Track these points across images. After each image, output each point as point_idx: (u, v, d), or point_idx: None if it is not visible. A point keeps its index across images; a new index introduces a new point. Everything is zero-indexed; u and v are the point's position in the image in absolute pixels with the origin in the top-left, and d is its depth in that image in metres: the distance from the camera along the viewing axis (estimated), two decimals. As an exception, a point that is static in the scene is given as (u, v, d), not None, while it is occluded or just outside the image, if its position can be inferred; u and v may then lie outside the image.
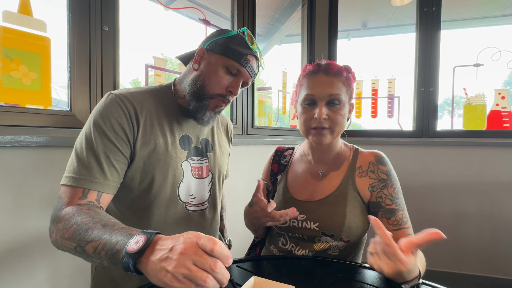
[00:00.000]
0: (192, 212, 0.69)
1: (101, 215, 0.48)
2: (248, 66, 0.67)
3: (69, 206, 0.51)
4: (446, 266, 1.76)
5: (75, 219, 0.47)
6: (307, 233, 0.70)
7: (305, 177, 0.76)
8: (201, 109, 0.67)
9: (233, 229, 1.04)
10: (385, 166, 0.70)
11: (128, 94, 0.63)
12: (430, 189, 1.78)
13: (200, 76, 0.67)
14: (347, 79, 0.70)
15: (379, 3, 2.23)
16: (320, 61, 0.72)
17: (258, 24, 1.69)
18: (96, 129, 0.57)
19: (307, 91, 0.69)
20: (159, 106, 0.67)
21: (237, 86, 0.67)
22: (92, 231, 0.44)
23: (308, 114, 0.69)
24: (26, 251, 0.74)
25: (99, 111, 0.59)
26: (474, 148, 1.71)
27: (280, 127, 1.85)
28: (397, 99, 1.96)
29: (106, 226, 0.44)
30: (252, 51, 0.67)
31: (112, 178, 0.58)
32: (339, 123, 0.69)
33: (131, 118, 0.60)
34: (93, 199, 0.54)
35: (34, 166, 0.75)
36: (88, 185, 0.54)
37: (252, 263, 0.63)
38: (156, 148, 0.63)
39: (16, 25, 0.77)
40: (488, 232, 1.70)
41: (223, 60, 0.66)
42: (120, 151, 0.59)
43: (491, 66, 1.82)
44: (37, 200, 0.75)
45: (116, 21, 0.94)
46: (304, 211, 0.71)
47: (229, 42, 0.66)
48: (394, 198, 0.67)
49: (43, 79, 0.82)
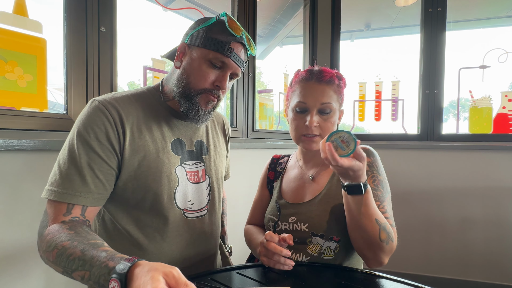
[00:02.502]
0: (191, 219, 0.67)
1: (81, 235, 0.48)
2: (233, 55, 0.61)
3: (53, 224, 0.51)
4: (452, 273, 1.74)
5: (55, 241, 0.47)
6: (298, 235, 0.70)
7: (297, 181, 0.78)
8: (192, 108, 0.63)
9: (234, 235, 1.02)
10: (369, 157, 0.70)
11: (113, 100, 0.60)
12: (435, 194, 1.76)
13: (183, 75, 0.63)
14: (338, 87, 0.72)
15: (383, 4, 2.23)
16: (313, 67, 0.74)
17: (259, 25, 1.67)
18: (79, 139, 0.55)
19: (299, 98, 0.71)
20: (147, 110, 0.64)
21: (223, 79, 0.62)
22: (73, 258, 0.44)
23: (299, 121, 0.71)
24: (21, 257, 0.73)
25: (82, 120, 0.57)
26: (480, 152, 1.70)
27: (282, 130, 1.85)
28: (401, 102, 1.96)
29: (85, 253, 0.44)
30: (235, 37, 0.62)
31: (97, 190, 0.56)
32: (329, 130, 0.70)
33: (116, 126, 0.58)
34: (77, 214, 0.54)
35: (30, 170, 0.74)
36: (71, 199, 0.53)
37: (253, 270, 0.62)
38: (146, 155, 0.61)
39: (11, 26, 0.76)
40: (495, 238, 1.68)
41: (205, 53, 0.61)
42: (104, 161, 0.56)
43: (498, 68, 1.81)
44: (32, 205, 0.74)
45: (114, 22, 0.93)
46: (294, 213, 0.72)
47: (209, 32, 0.61)
48: (372, 189, 0.66)
49: (39, 81, 0.81)
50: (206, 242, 0.70)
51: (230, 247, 0.91)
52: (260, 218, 0.85)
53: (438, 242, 1.74)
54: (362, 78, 2.04)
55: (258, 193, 0.87)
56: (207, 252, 0.71)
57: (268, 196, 0.84)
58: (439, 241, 1.74)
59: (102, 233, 0.64)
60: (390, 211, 0.68)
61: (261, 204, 0.85)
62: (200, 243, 0.69)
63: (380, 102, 2.00)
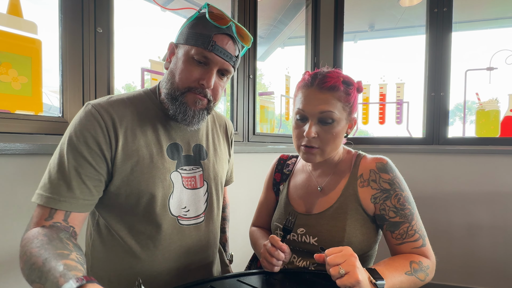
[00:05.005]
0: (185, 226, 0.66)
1: (52, 243, 0.46)
2: (215, 49, 0.57)
3: (33, 228, 0.51)
4: (458, 281, 1.71)
5: (27, 247, 0.47)
6: (306, 247, 0.69)
7: (305, 188, 0.74)
8: (180, 108, 0.60)
9: (234, 242, 1.00)
10: (388, 174, 0.66)
11: (107, 104, 0.59)
12: (441, 199, 1.74)
13: (169, 75, 0.61)
14: (345, 94, 0.65)
15: (387, 4, 2.21)
16: (321, 69, 0.69)
17: (260, 26, 1.66)
18: (69, 144, 0.55)
19: (299, 105, 0.67)
20: (142, 113, 0.62)
21: (208, 76, 0.58)
22: (34, 268, 0.43)
23: (299, 130, 0.68)
24: (14, 263, 0.72)
25: (74, 125, 0.56)
26: (487, 156, 1.67)
27: (283, 134, 1.83)
28: (406, 105, 1.94)
29: (45, 263, 0.43)
30: (219, 28, 0.58)
31: (82, 196, 0.54)
32: (330, 143, 0.66)
33: (108, 131, 0.57)
34: (59, 220, 0.53)
35: (24, 175, 0.73)
36: (55, 204, 0.52)
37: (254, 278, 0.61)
38: (140, 161, 0.59)
39: (5, 26, 0.76)
40: (503, 245, 1.65)
41: (187, 50, 0.59)
42: (92, 167, 0.55)
43: (505, 70, 1.79)
44: (27, 210, 0.73)
45: (111, 23, 0.92)
46: (303, 224, 0.70)
47: (191, 27, 0.59)
48: (399, 210, 0.64)
49: (34, 84, 0.80)
50: (202, 250, 0.69)
51: (231, 255, 0.89)
52: (265, 220, 0.83)
53: (444, 248, 1.72)
54: (366, 80, 2.03)
55: (264, 194, 0.85)
56: (204, 261, 0.70)
57: (274, 199, 0.82)
58: (445, 247, 1.72)
59: (97, 238, 0.63)
60: (421, 227, 0.65)
61: (266, 206, 0.83)
62: (196, 252, 0.67)
63: (385, 104, 1.98)
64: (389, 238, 0.65)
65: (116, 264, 0.61)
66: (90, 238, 0.65)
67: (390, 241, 0.65)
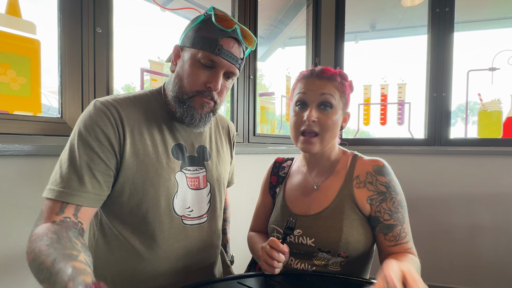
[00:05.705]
0: (189, 226, 0.66)
1: (61, 242, 0.46)
2: (222, 52, 0.59)
3: (43, 224, 0.51)
4: (460, 282, 1.71)
5: (36, 244, 0.46)
6: (304, 249, 0.69)
7: (301, 189, 0.75)
8: (187, 112, 0.62)
9: (234, 243, 0.99)
10: (384, 177, 0.67)
11: (115, 101, 0.60)
12: (443, 201, 1.74)
13: (176, 78, 0.63)
14: (341, 85, 0.69)
15: (389, 4, 2.21)
16: (316, 67, 0.72)
17: (261, 26, 1.65)
18: (80, 139, 0.55)
19: (299, 91, 0.69)
20: (148, 113, 0.63)
21: (215, 80, 0.60)
22: (43, 268, 0.43)
23: (298, 117, 0.68)
24: (15, 264, 0.72)
25: (83, 120, 0.57)
26: (490, 157, 1.67)
27: (284, 134, 1.83)
28: (407, 105, 1.93)
29: (54, 264, 0.42)
30: (225, 32, 0.59)
31: (93, 191, 0.55)
32: (329, 129, 0.67)
33: (117, 127, 0.58)
34: (70, 214, 0.53)
35: (23, 176, 0.73)
36: (66, 198, 0.52)
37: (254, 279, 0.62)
38: (145, 159, 0.60)
39: (3, 26, 0.75)
40: (504, 246, 1.64)
41: (194, 53, 0.60)
42: (103, 161, 0.56)
43: (508, 70, 1.78)
44: (26, 211, 0.73)
45: (110, 23, 0.92)
46: (300, 225, 0.70)
47: (197, 30, 0.60)
48: (393, 213, 0.66)
49: (33, 84, 0.80)
50: (205, 250, 0.69)
51: (232, 256, 0.90)
52: (263, 224, 0.83)
53: (445, 250, 1.72)
54: (367, 80, 2.02)
55: (260, 198, 0.85)
56: (206, 261, 0.70)
57: (271, 202, 0.82)
58: (447, 249, 1.72)
59: (100, 238, 0.64)
60: (409, 230, 0.67)
61: (264, 210, 0.83)
62: (198, 252, 0.67)
63: (386, 105, 1.98)
64: (381, 240, 0.66)
65: (119, 264, 0.62)
66: (94, 238, 0.65)
67: (383, 243, 0.66)
